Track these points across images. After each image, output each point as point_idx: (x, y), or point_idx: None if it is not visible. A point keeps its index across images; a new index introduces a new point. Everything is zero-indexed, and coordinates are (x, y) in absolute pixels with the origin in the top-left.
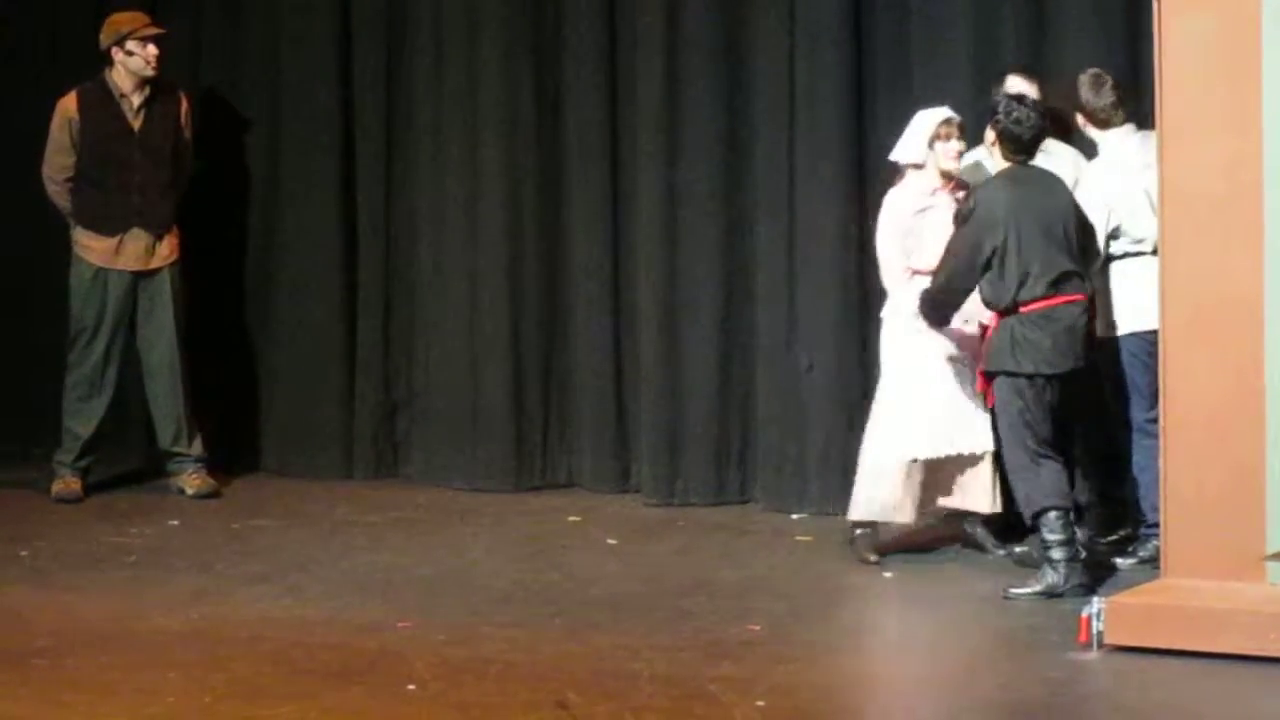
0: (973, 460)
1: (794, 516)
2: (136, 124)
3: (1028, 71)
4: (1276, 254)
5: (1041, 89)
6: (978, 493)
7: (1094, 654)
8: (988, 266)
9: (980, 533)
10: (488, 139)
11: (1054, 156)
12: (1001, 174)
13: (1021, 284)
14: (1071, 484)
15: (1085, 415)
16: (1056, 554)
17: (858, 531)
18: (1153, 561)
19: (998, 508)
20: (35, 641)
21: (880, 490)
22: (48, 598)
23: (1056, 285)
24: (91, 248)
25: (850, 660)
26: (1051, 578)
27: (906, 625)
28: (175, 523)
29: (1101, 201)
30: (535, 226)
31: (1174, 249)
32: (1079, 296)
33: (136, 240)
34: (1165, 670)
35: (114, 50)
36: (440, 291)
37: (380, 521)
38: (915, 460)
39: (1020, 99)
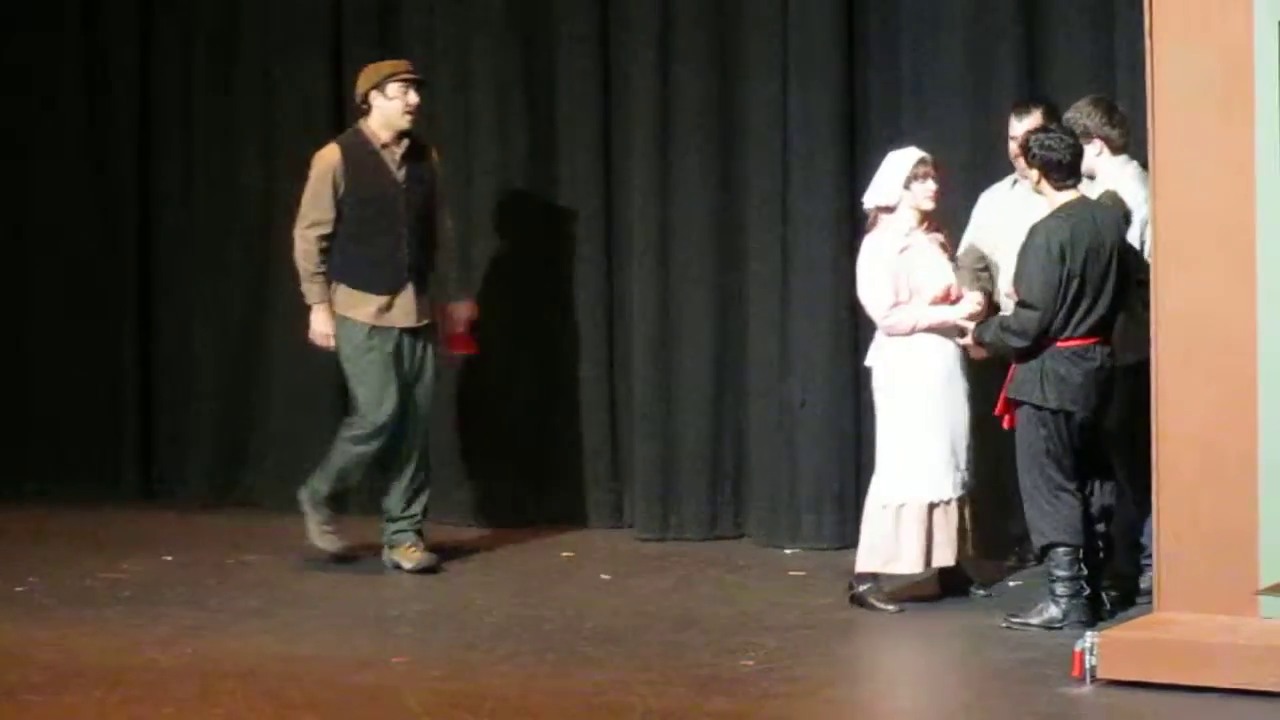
0: (955, 506)
1: (787, 551)
2: (400, 176)
3: (1022, 107)
4: (1269, 286)
5: (1048, 116)
6: (956, 539)
7: (1088, 688)
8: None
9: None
10: (481, 175)
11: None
12: (1059, 210)
13: (1066, 320)
14: (1097, 519)
15: (1114, 451)
16: (1060, 590)
17: (861, 587)
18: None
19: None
20: (30, 677)
21: (880, 539)
22: (42, 633)
23: (1093, 326)
24: (361, 307)
25: (843, 695)
26: (1052, 611)
27: (900, 659)
28: (169, 558)
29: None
30: (528, 260)
31: (1166, 279)
32: (1102, 337)
33: (407, 297)
34: (1159, 705)
35: (373, 94)
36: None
37: (374, 557)
38: (902, 506)
39: (1045, 128)
